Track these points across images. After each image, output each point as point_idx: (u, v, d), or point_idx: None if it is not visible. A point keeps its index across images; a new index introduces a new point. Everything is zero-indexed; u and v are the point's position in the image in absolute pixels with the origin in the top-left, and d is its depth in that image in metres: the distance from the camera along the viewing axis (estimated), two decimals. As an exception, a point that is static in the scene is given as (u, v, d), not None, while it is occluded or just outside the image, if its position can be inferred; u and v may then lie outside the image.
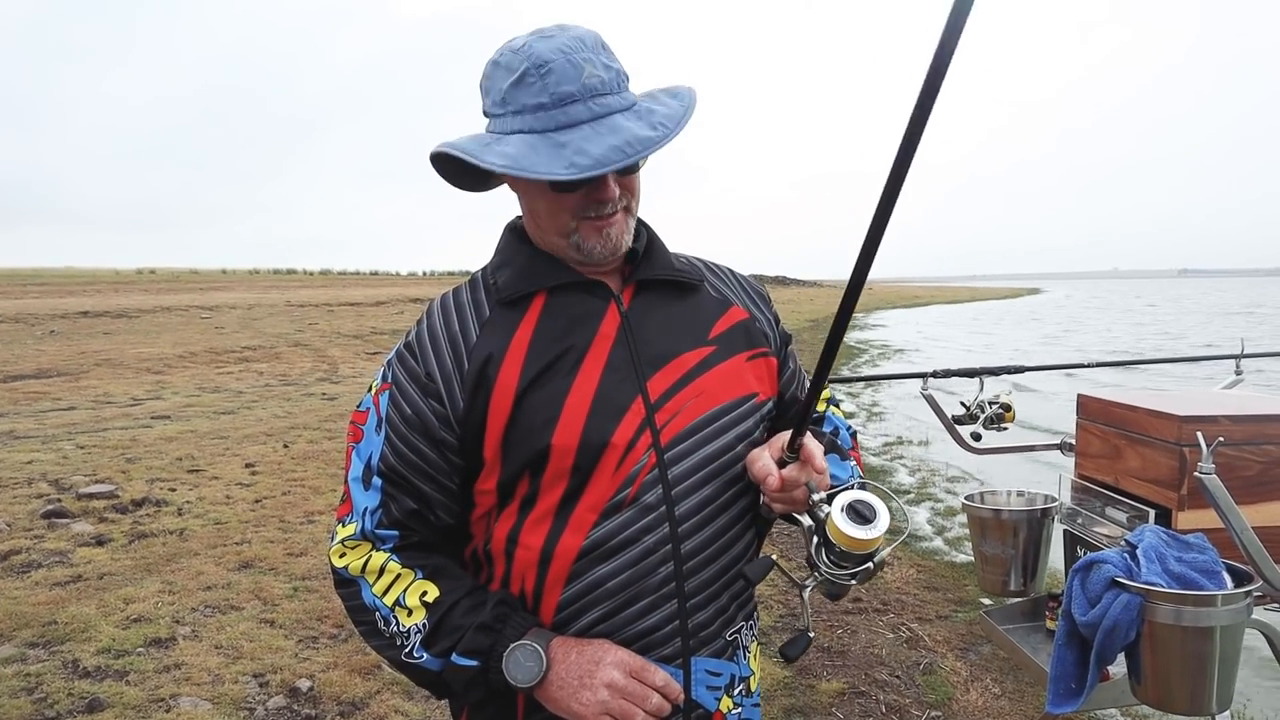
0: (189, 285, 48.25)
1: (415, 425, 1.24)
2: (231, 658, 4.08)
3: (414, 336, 1.29)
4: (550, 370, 1.23)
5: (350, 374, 15.81)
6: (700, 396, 1.28)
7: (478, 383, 1.22)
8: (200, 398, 12.63)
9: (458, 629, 1.21)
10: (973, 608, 5.04)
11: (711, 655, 1.30)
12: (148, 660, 4.02)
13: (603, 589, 1.23)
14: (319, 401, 12.33)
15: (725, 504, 1.29)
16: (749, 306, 1.41)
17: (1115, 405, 2.38)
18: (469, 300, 1.30)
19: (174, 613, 4.58)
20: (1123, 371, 10.37)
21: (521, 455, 1.22)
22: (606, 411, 1.22)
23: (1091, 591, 1.87)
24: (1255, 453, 2.12)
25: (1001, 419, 3.15)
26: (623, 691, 1.18)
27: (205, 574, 5.17)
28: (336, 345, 21.03)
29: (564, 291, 1.28)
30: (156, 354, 17.88)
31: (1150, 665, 1.84)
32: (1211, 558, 1.87)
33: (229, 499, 6.87)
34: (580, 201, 1.21)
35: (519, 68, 1.17)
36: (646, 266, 1.33)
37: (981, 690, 3.94)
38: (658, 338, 1.29)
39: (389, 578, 1.24)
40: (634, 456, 1.23)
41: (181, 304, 31.14)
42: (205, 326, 24.56)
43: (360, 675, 3.92)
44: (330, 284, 57.19)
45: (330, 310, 31.58)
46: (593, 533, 1.23)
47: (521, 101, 1.16)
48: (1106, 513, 2.36)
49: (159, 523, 6.18)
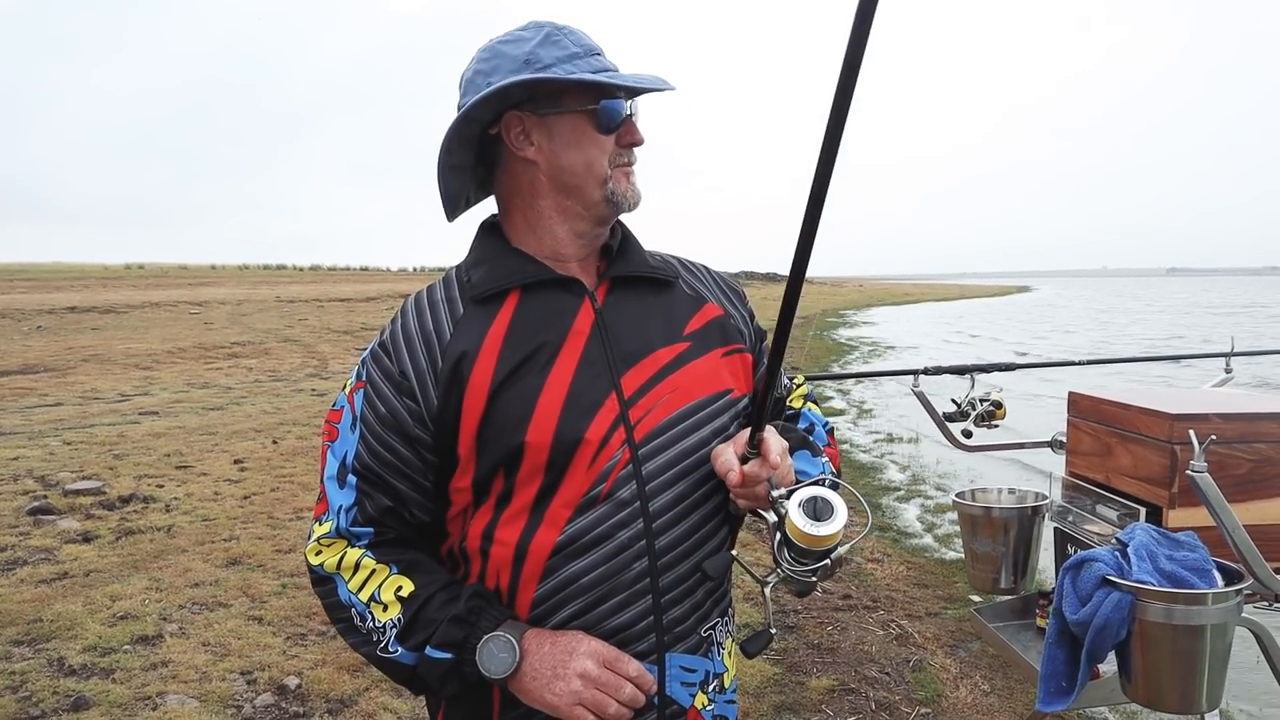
0: (178, 280, 48.02)
1: (389, 423, 1.25)
2: (219, 655, 4.05)
3: (388, 335, 1.29)
4: (524, 367, 1.23)
5: (340, 370, 15.76)
6: (674, 393, 1.29)
7: (451, 380, 1.23)
8: (189, 394, 12.57)
9: (432, 622, 1.21)
10: (962, 605, 5.05)
11: (686, 651, 1.30)
12: (134, 658, 4.00)
13: (577, 585, 1.24)
14: (308, 398, 12.28)
15: (699, 500, 1.30)
16: (724, 303, 1.42)
17: (1107, 403, 2.38)
18: (442, 298, 1.31)
19: (161, 610, 4.55)
20: (1111, 370, 10.40)
21: (496, 452, 1.22)
22: (580, 408, 1.23)
23: (1083, 590, 1.87)
24: (1245, 451, 2.12)
25: (993, 416, 3.15)
26: (596, 682, 1.19)
27: (193, 571, 5.14)
28: (326, 341, 20.96)
29: (538, 289, 1.29)
30: (145, 350, 17.78)
31: (1140, 663, 1.83)
32: (1202, 556, 1.87)
33: (217, 495, 6.84)
34: (615, 146, 1.28)
35: (539, 33, 1.25)
36: (621, 263, 1.34)
37: (971, 687, 3.95)
38: (632, 334, 1.30)
39: (364, 573, 1.25)
40: (608, 452, 1.23)
41: (170, 299, 30.98)
42: (194, 322, 24.44)
43: (349, 672, 3.90)
44: (320, 279, 56.96)
45: (320, 306, 31.47)
46: (567, 528, 1.23)
47: (554, 55, 1.24)
48: (1097, 510, 2.36)
49: (146, 519, 6.15)
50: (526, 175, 1.30)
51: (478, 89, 1.24)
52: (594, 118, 1.26)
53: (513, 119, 1.27)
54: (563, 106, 1.26)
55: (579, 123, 1.26)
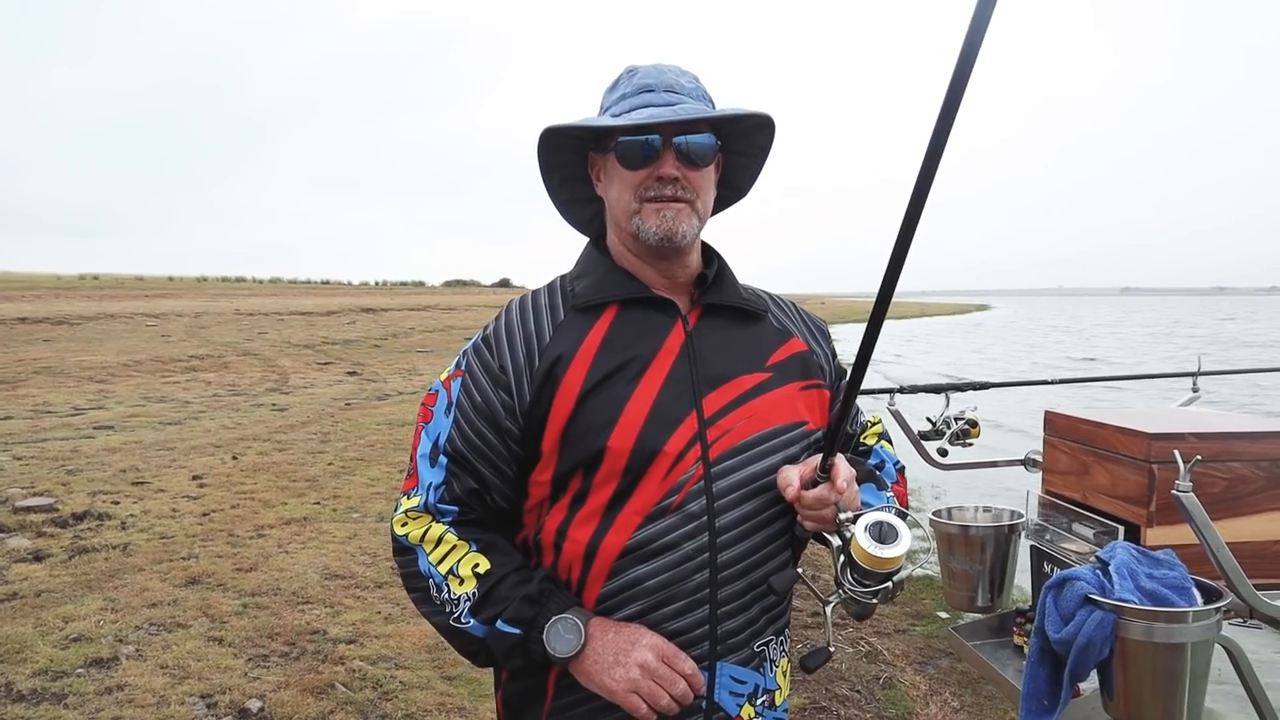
0: (134, 292, 47.12)
1: (483, 412, 1.34)
2: (178, 678, 3.93)
3: (491, 331, 1.39)
4: (614, 376, 1.32)
5: (301, 384, 15.54)
6: (751, 418, 1.36)
7: (546, 379, 1.32)
8: (145, 407, 12.29)
9: (505, 599, 1.29)
10: (930, 621, 5.07)
11: (738, 663, 1.36)
12: (88, 682, 3.86)
13: (640, 587, 1.31)
14: (269, 412, 12.07)
15: (765, 521, 1.36)
16: (809, 340, 1.50)
17: (1083, 422, 2.39)
18: (546, 303, 1.40)
19: (116, 631, 4.41)
20: (1078, 387, 10.60)
21: (578, 452, 1.31)
22: (662, 421, 1.31)
23: (1065, 609, 1.87)
24: (1221, 470, 2.14)
25: (967, 435, 3.17)
26: (654, 674, 1.26)
27: (150, 590, 5.00)
28: (287, 355, 20.68)
29: (636, 305, 1.38)
30: (99, 362, 17.39)
31: (1122, 681, 1.84)
32: (1181, 574, 1.88)
33: (175, 512, 6.68)
34: (644, 180, 1.34)
35: (616, 78, 1.40)
36: (715, 292, 1.43)
37: (941, 704, 3.96)
38: (717, 359, 1.38)
39: (445, 548, 1.33)
40: (683, 466, 1.31)
41: (126, 311, 30.39)
42: (151, 334, 23.99)
43: (313, 695, 3.81)
44: (280, 292, 56.27)
45: (281, 319, 31.08)
46: (636, 534, 1.30)
47: (611, 98, 1.38)
48: (1074, 529, 2.37)
49: (101, 537, 5.98)
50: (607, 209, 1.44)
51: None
52: (618, 154, 1.35)
53: (595, 160, 1.43)
54: (604, 146, 1.39)
55: (612, 161, 1.37)
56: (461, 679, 4.02)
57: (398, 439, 9.97)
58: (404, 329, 30.86)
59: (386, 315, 37.78)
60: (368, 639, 4.44)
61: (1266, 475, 2.17)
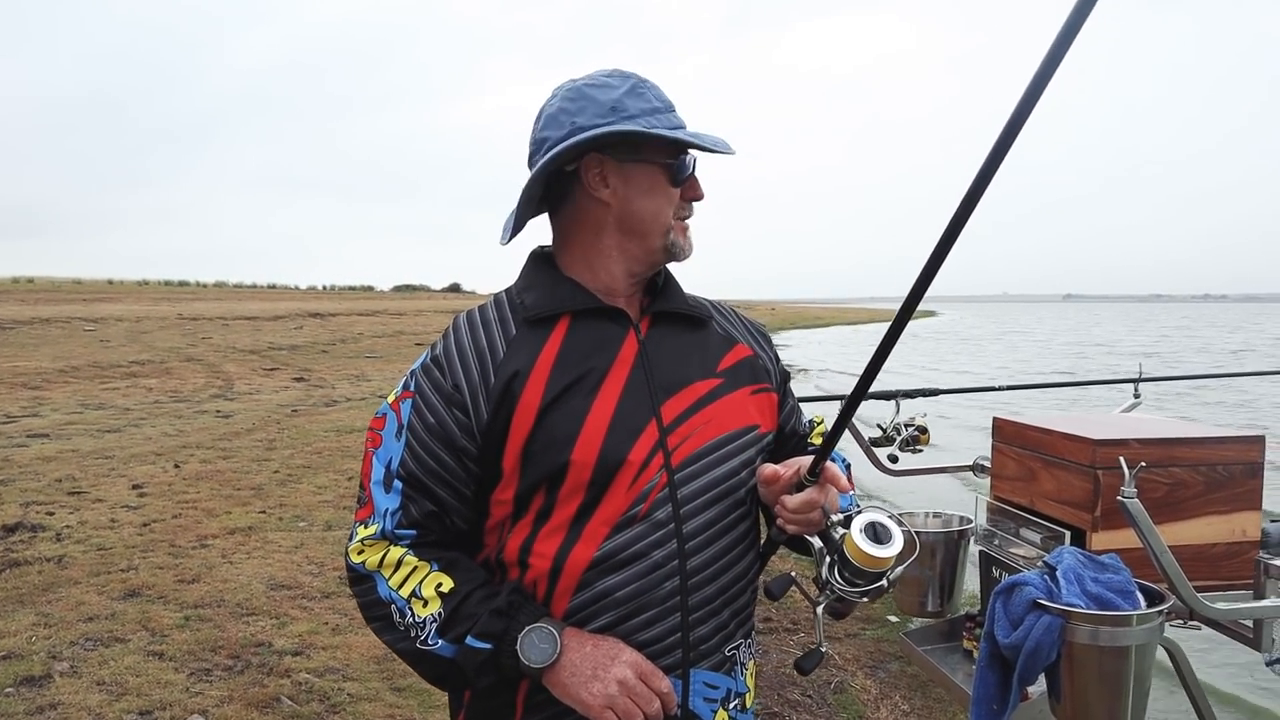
0: (71, 296, 45.72)
1: (437, 433, 1.31)
2: (115, 694, 3.81)
3: (441, 350, 1.36)
4: (572, 389, 1.31)
5: (247, 390, 15.21)
6: (709, 424, 1.37)
7: (503, 397, 1.30)
8: (83, 415, 11.93)
9: (473, 615, 1.27)
10: (880, 625, 5.12)
11: (710, 668, 1.37)
12: (17, 701, 3.72)
13: (610, 599, 1.30)
14: (213, 419, 11.80)
15: (729, 525, 1.38)
16: (753, 344, 1.51)
17: (1029, 428, 2.44)
18: (495, 317, 1.39)
19: (50, 647, 4.26)
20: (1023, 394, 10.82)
21: (541, 469, 1.29)
22: (623, 431, 1.31)
23: (1014, 614, 1.89)
24: (1162, 475, 2.19)
25: (917, 441, 3.21)
26: (631, 691, 1.25)
27: (86, 604, 4.84)
28: (232, 360, 20.24)
29: (587, 317, 1.37)
30: (34, 368, 16.85)
31: (1069, 685, 1.86)
32: (1125, 578, 1.92)
33: (114, 523, 6.48)
34: (680, 199, 1.38)
35: (625, 83, 1.35)
36: (663, 299, 1.44)
37: (891, 707, 3.99)
38: (671, 366, 1.39)
39: (405, 570, 1.30)
40: (647, 475, 1.31)
41: (62, 315, 29.47)
42: (89, 339, 23.31)
43: (258, 709, 3.72)
44: (225, 296, 55.16)
45: (225, 324, 30.44)
46: (604, 545, 1.30)
47: (639, 107, 1.33)
48: (1021, 534, 2.41)
49: (34, 549, 5.77)
50: (595, 213, 1.38)
51: (561, 125, 1.33)
52: (668, 171, 1.36)
53: (593, 161, 1.35)
54: (642, 156, 1.35)
55: (654, 174, 1.36)
56: (411, 690, 3.95)
57: (346, 446, 9.81)
58: (353, 334, 30.40)
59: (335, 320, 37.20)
60: (314, 650, 4.35)
61: (1205, 480, 2.23)
